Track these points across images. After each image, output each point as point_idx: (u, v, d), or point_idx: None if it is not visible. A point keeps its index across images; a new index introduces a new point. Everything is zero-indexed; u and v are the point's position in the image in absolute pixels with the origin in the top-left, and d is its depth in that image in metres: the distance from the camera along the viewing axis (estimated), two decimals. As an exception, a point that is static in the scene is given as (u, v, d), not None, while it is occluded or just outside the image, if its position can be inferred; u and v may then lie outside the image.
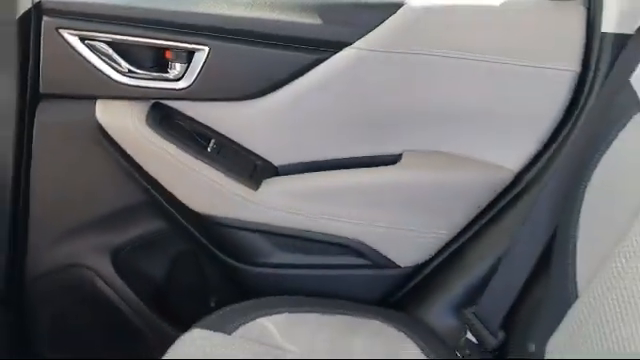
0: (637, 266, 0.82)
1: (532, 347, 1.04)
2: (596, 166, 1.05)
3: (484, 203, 1.29)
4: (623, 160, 1.02)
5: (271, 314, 1.16)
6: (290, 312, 1.18)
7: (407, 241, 1.31)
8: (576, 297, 0.95)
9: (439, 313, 1.29)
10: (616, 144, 1.03)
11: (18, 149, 1.23)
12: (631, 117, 1.01)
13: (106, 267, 1.34)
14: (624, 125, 1.02)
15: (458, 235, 1.31)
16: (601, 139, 1.06)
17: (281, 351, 1.07)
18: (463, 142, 1.28)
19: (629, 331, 0.75)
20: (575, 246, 1.02)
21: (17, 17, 1.14)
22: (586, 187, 1.06)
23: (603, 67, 1.20)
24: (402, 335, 1.18)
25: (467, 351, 1.17)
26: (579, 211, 1.04)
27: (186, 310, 1.26)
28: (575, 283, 0.98)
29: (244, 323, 1.12)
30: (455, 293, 1.29)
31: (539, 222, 1.15)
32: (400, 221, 1.30)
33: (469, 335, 1.19)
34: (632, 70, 1.06)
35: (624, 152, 1.02)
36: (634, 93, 1.02)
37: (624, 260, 0.84)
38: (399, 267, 1.32)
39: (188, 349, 1.05)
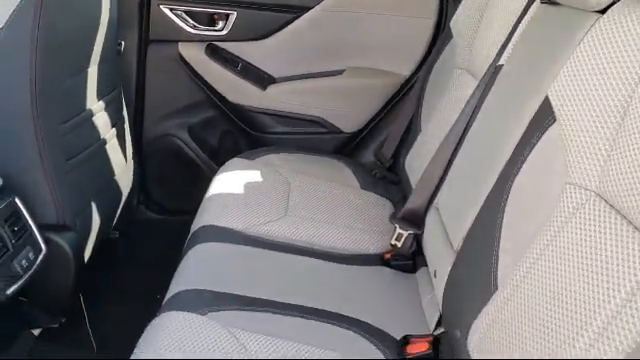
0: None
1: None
2: (433, 70, 1.97)
3: (390, 94, 2.22)
4: (441, 66, 1.93)
5: (275, 153, 2.10)
6: (284, 153, 2.13)
7: (349, 117, 2.25)
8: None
9: (365, 156, 2.26)
10: (441, 58, 1.95)
11: (138, 71, 2.19)
12: (448, 43, 1.92)
13: (185, 136, 2.30)
14: (445, 47, 1.94)
15: (376, 114, 2.25)
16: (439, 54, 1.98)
17: (277, 168, 2.00)
18: (377, 60, 2.20)
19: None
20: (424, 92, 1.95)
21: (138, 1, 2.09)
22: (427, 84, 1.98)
23: (449, 18, 2.09)
24: (343, 165, 2.12)
25: (376, 170, 2.11)
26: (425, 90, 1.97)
27: (229, 159, 2.18)
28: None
29: (260, 157, 2.06)
30: (375, 144, 2.25)
31: (414, 100, 2.07)
32: (344, 106, 2.24)
33: (377, 162, 2.14)
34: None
35: (443, 61, 1.93)
36: (450, 29, 1.92)
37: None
38: (345, 132, 2.26)
39: (231, 168, 1.98)
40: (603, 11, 1.02)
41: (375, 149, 2.23)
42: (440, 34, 2.11)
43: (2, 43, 1.37)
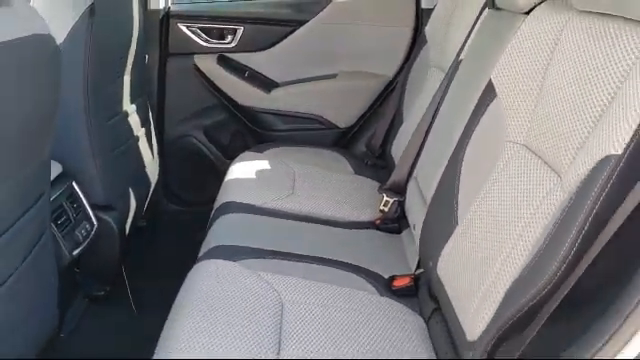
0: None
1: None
2: (412, 70, 2.29)
3: (377, 93, 2.54)
4: (418, 66, 2.25)
5: (279, 147, 2.41)
6: (288, 147, 2.44)
7: (342, 114, 2.57)
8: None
9: (357, 147, 2.57)
10: (418, 60, 2.27)
11: (160, 79, 2.50)
12: (423, 47, 2.25)
13: (201, 136, 2.62)
14: (421, 50, 2.26)
15: (366, 111, 2.56)
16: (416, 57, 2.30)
17: (283, 159, 2.31)
18: (365, 64, 2.53)
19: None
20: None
21: (159, 18, 2.40)
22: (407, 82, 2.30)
23: (424, 26, 2.42)
24: (339, 155, 2.43)
25: (367, 159, 2.42)
26: (405, 88, 2.29)
27: (239, 154, 2.50)
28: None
29: (267, 150, 2.37)
30: (365, 137, 2.56)
31: (396, 96, 2.38)
32: (338, 105, 2.56)
33: (368, 152, 2.46)
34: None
35: (420, 62, 2.25)
36: (425, 35, 2.25)
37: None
38: (339, 128, 2.58)
39: (243, 160, 2.29)
40: (528, 13, 1.34)
41: (366, 141, 2.55)
42: (417, 40, 2.44)
43: (53, 55, 1.68)
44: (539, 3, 1.32)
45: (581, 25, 1.12)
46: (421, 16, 2.45)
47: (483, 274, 1.11)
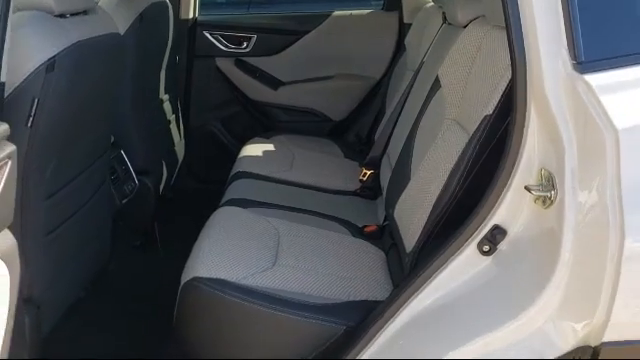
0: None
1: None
2: (393, 74, 2.73)
3: (366, 92, 2.98)
4: (399, 70, 2.68)
5: (283, 135, 2.85)
6: (290, 135, 2.88)
7: (337, 109, 3.01)
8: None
9: (348, 136, 3.01)
10: (398, 65, 2.71)
11: (187, 77, 2.95)
12: (403, 54, 2.69)
13: (219, 125, 3.06)
14: (402, 57, 2.70)
15: (357, 107, 3.00)
16: (398, 63, 2.75)
17: (285, 144, 2.75)
18: (357, 68, 2.98)
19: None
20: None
21: (188, 26, 2.86)
22: (390, 83, 2.74)
23: (404, 37, 2.86)
24: (332, 142, 2.87)
25: (356, 146, 2.85)
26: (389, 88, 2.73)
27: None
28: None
29: (273, 137, 2.81)
30: (355, 128, 3.00)
31: (381, 95, 2.82)
32: (334, 101, 3.00)
33: (356, 141, 2.89)
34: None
35: (400, 67, 2.69)
36: (405, 44, 2.69)
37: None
38: (334, 120, 3.02)
39: (253, 142, 2.73)
40: (466, 26, 1.78)
41: (355, 131, 3.00)
42: (399, 49, 2.88)
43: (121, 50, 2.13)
44: (472, 20, 1.76)
45: (493, 35, 1.56)
46: (402, 29, 2.89)
47: (420, 207, 1.54)
